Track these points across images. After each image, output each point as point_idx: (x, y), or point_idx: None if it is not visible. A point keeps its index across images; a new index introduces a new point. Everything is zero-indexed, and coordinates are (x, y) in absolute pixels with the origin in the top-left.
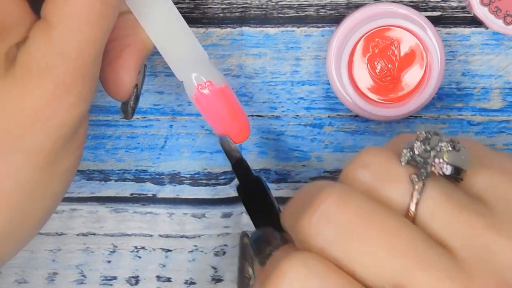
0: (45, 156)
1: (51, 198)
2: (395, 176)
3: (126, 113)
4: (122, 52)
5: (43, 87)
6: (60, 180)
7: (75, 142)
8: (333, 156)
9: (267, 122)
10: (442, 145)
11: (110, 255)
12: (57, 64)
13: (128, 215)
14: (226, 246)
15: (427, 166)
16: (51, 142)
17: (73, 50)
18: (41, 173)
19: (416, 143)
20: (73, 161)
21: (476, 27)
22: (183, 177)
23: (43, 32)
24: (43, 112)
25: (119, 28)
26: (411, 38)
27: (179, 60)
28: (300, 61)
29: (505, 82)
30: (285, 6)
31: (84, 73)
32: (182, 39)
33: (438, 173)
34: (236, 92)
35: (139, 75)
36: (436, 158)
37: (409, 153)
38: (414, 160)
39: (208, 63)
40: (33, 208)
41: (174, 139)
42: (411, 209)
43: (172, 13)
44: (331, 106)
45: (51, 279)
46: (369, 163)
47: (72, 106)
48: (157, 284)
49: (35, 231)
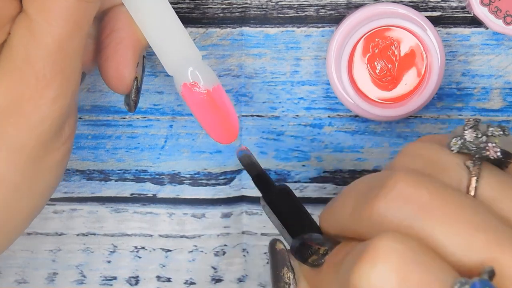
0: (29, 151)
1: (38, 193)
2: (449, 163)
3: (129, 106)
4: (118, 46)
5: (25, 81)
6: (46, 175)
7: (61, 137)
8: (333, 156)
9: (267, 122)
10: (492, 129)
11: (110, 255)
12: (38, 58)
13: (128, 215)
14: (226, 246)
15: (481, 151)
16: (34, 137)
17: (52, 44)
18: (25, 169)
19: (466, 130)
20: (59, 157)
21: (476, 27)
22: (183, 177)
23: (24, 25)
24: (25, 106)
25: (113, 21)
26: (411, 38)
27: (168, 55)
28: (300, 61)
29: (505, 82)
30: (285, 6)
31: (63, 67)
32: (173, 34)
33: (492, 156)
34: (236, 92)
35: (138, 68)
36: (489, 142)
37: (459, 141)
38: (465, 147)
39: (200, 62)
40: (19, 204)
41: (174, 139)
42: (470, 193)
43: (164, 9)
44: (331, 106)
45: (51, 279)
46: (420, 153)
47: (53, 100)
48: (157, 284)
49: (23, 228)
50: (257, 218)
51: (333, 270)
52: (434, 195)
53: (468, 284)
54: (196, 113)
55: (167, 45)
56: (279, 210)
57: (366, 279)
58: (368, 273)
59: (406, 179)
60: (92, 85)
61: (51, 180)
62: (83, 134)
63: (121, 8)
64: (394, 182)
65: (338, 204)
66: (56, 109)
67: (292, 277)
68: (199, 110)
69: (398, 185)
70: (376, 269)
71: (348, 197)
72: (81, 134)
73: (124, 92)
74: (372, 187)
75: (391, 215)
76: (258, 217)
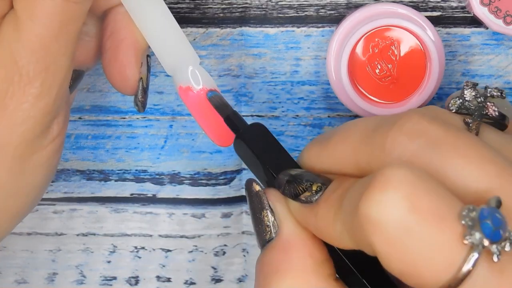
0: (13, 149)
1: (25, 193)
2: (450, 120)
3: (138, 107)
4: (119, 47)
5: (8, 78)
6: (33, 174)
7: (48, 135)
8: None
9: (267, 122)
10: (490, 90)
11: (110, 255)
12: (22, 55)
13: (128, 215)
14: (226, 246)
15: (480, 110)
16: (17, 135)
17: (36, 42)
18: (12, 167)
19: (466, 90)
20: (47, 155)
21: (476, 27)
22: (183, 177)
23: (11, 22)
24: (8, 104)
25: (113, 22)
26: (411, 38)
27: (166, 56)
28: (300, 61)
29: (505, 82)
30: (285, 6)
31: (47, 65)
32: (169, 36)
33: (491, 114)
34: (236, 92)
35: (142, 68)
36: (487, 102)
37: (458, 100)
38: (464, 107)
39: (196, 65)
40: (5, 204)
41: (174, 139)
42: None
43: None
44: (331, 106)
45: (51, 279)
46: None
47: (36, 98)
48: (157, 284)
49: (13, 225)
50: None
51: (332, 206)
52: (448, 131)
53: (476, 211)
54: (193, 115)
55: (164, 47)
56: (256, 147)
57: (377, 206)
58: (379, 199)
59: (421, 115)
60: (92, 85)
61: (39, 179)
62: (83, 134)
63: (121, 9)
64: (409, 116)
65: (337, 139)
66: (40, 107)
67: (272, 219)
68: (196, 113)
69: (413, 119)
70: (386, 196)
71: (350, 133)
72: (81, 134)
73: (131, 93)
74: (381, 124)
75: (404, 146)
76: None
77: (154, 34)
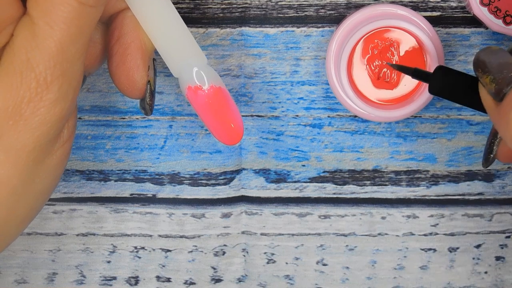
0: (27, 154)
1: (35, 196)
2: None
3: (146, 110)
4: (126, 51)
5: (25, 84)
6: (44, 178)
7: (59, 139)
8: (332, 156)
9: (267, 122)
10: None
11: (109, 255)
12: (39, 61)
13: (128, 215)
14: (225, 246)
15: None
16: (33, 139)
17: (53, 47)
18: (24, 171)
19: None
20: (57, 159)
21: (476, 27)
22: (183, 177)
23: (26, 27)
24: (25, 109)
25: (120, 26)
26: (411, 39)
27: (173, 58)
28: (300, 61)
29: None
30: (285, 6)
31: (64, 70)
32: (178, 37)
33: None
34: (236, 92)
35: (149, 71)
36: None
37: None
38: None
39: (205, 65)
40: (17, 206)
41: (173, 139)
42: None
43: (169, 12)
44: (331, 106)
45: (51, 279)
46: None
47: (53, 103)
48: (157, 284)
49: (20, 229)
50: (257, 218)
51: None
52: None
53: None
54: (201, 115)
55: (172, 48)
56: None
57: None
58: None
59: None
60: (92, 85)
61: (49, 182)
62: (82, 134)
63: (128, 13)
64: None
65: None
66: (56, 112)
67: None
68: (204, 112)
69: None
70: None
71: None
72: (80, 134)
73: (138, 96)
74: None
75: None
76: (258, 217)
77: (162, 36)
